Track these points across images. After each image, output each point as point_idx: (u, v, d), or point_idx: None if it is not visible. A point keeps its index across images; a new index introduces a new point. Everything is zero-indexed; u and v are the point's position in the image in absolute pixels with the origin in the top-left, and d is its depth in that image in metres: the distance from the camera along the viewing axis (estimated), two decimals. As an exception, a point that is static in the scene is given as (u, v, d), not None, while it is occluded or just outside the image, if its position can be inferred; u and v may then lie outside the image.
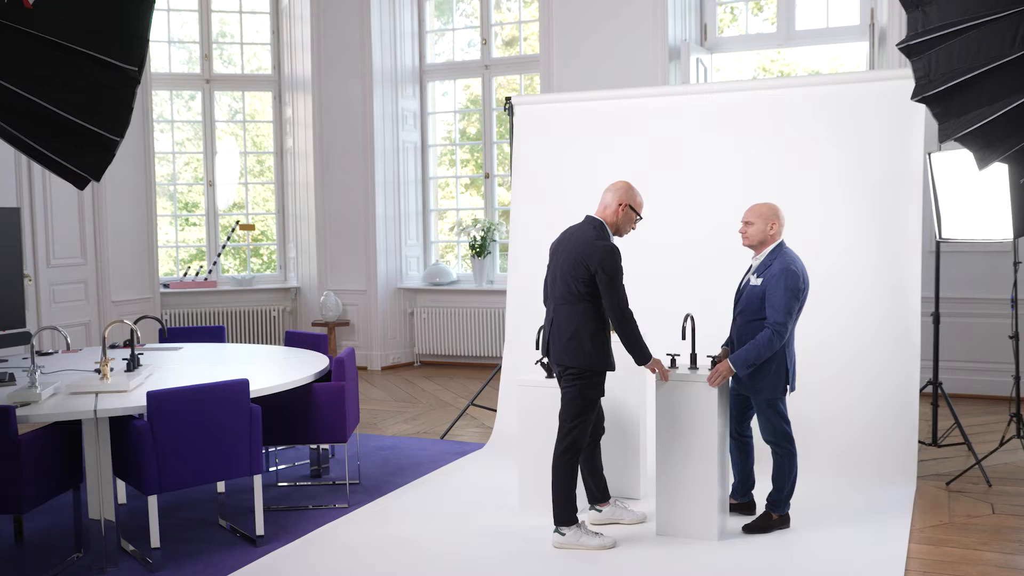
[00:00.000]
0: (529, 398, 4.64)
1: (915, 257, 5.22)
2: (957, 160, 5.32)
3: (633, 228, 4.33)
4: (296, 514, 4.76)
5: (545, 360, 4.67)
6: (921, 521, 4.53)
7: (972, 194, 5.34)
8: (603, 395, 4.23)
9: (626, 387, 4.86)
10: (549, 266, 4.32)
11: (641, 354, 4.15)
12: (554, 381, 4.60)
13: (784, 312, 4.14)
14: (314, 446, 5.42)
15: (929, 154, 5.52)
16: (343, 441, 4.87)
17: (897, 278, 5.26)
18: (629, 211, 4.23)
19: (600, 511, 4.49)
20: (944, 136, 3.53)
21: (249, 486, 4.50)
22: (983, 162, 3.53)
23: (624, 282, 4.10)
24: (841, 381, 5.28)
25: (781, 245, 4.34)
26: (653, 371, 4.25)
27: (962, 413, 6.20)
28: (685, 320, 4.36)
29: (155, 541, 4.07)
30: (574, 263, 4.11)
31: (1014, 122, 3.34)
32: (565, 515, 4.21)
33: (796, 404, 5.33)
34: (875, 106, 5.39)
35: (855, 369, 5.27)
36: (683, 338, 4.39)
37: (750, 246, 4.38)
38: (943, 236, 5.55)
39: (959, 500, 4.85)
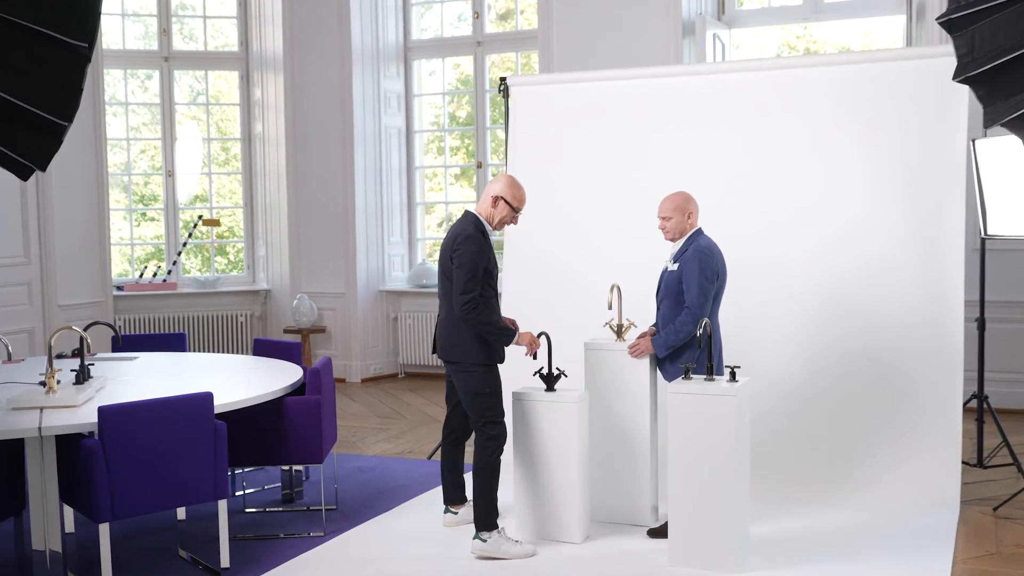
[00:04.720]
0: (524, 412, 4.64)
1: (958, 256, 5.24)
2: (1004, 148, 5.33)
3: (513, 222, 4.65)
4: (266, 544, 4.75)
5: (545, 371, 4.68)
6: (965, 551, 4.54)
7: (1021, 186, 5.36)
8: (500, 387, 4.52)
9: (635, 402, 4.85)
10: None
11: (503, 338, 4.45)
12: (552, 394, 4.66)
13: (699, 292, 4.53)
14: (286, 468, 5.42)
15: (973, 141, 5.53)
16: (319, 462, 4.87)
17: (937, 280, 5.27)
18: (504, 204, 4.55)
19: (456, 513, 4.85)
20: (989, 121, 3.53)
21: (213, 512, 4.49)
22: (1033, 150, 3.54)
23: (481, 277, 4.37)
24: (875, 396, 5.29)
25: (698, 232, 4.73)
26: (529, 350, 4.55)
27: (1010, 430, 6.21)
28: (699, 326, 4.40)
29: (107, 574, 4.05)
30: (445, 257, 4.51)
31: (1067, 105, 3.34)
32: (487, 519, 4.48)
33: (824, 421, 5.34)
34: (913, 87, 5.40)
35: (891, 382, 5.28)
36: (699, 347, 4.45)
37: (671, 239, 4.77)
38: (989, 232, 5.56)
39: (1007, 527, 4.86)
